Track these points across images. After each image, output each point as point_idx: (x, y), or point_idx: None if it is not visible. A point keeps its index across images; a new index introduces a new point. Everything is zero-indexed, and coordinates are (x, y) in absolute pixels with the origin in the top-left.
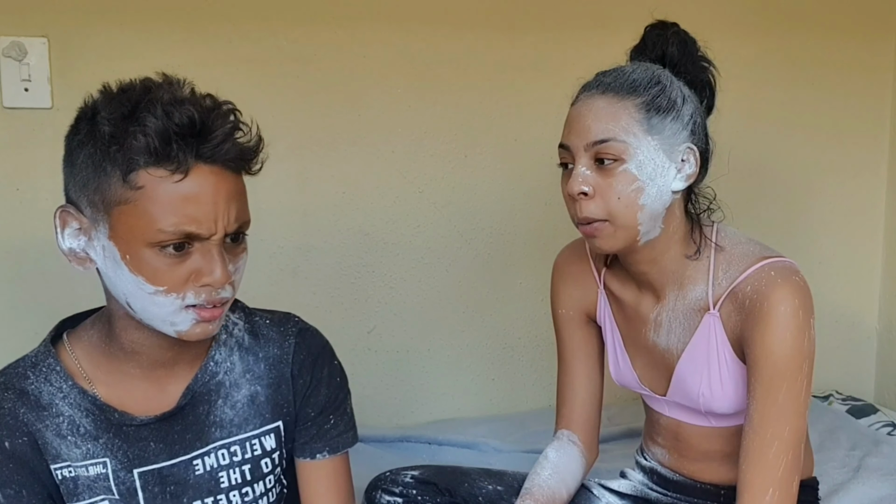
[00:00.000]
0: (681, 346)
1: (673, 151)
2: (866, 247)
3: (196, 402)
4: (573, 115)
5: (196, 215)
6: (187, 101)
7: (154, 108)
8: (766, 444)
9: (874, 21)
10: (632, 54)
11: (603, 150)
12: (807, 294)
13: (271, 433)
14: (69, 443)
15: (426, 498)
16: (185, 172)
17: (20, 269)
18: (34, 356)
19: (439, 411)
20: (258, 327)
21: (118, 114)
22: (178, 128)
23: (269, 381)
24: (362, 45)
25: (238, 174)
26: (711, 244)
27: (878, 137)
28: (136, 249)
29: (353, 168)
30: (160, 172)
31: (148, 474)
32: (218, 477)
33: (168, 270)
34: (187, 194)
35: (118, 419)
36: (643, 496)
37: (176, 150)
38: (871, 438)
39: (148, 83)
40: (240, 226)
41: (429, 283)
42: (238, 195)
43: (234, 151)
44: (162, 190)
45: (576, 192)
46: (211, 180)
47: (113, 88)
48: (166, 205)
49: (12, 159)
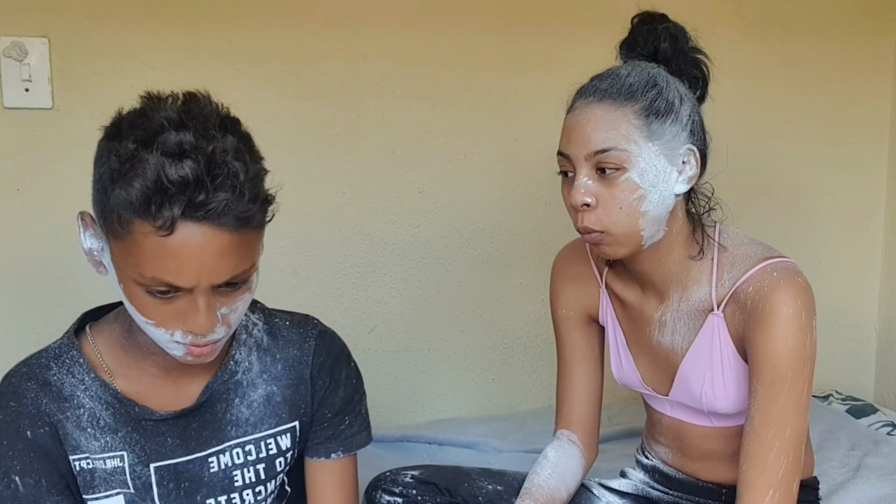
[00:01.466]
0: (685, 346)
1: (674, 155)
2: (866, 247)
3: (214, 401)
4: (571, 123)
5: (178, 271)
6: (190, 153)
7: (154, 156)
8: (767, 445)
9: (874, 21)
10: (622, 51)
11: (604, 160)
12: (809, 295)
13: (287, 433)
14: (88, 435)
15: (426, 498)
16: (170, 230)
17: (20, 269)
18: (57, 347)
19: (439, 411)
20: (277, 328)
21: (126, 149)
22: (173, 186)
23: (288, 381)
24: (362, 45)
25: (234, 231)
26: (714, 244)
27: (879, 138)
28: (127, 282)
29: (353, 168)
30: (145, 227)
31: (164, 469)
32: (232, 475)
33: (155, 308)
34: (171, 250)
35: (137, 413)
36: (644, 495)
37: (164, 210)
38: (870, 438)
39: (169, 116)
40: (231, 277)
41: (429, 283)
42: (232, 251)
43: (232, 217)
44: (147, 241)
45: (579, 204)
46: (198, 239)
47: (147, 99)
48: (149, 255)
49: (13, 159)
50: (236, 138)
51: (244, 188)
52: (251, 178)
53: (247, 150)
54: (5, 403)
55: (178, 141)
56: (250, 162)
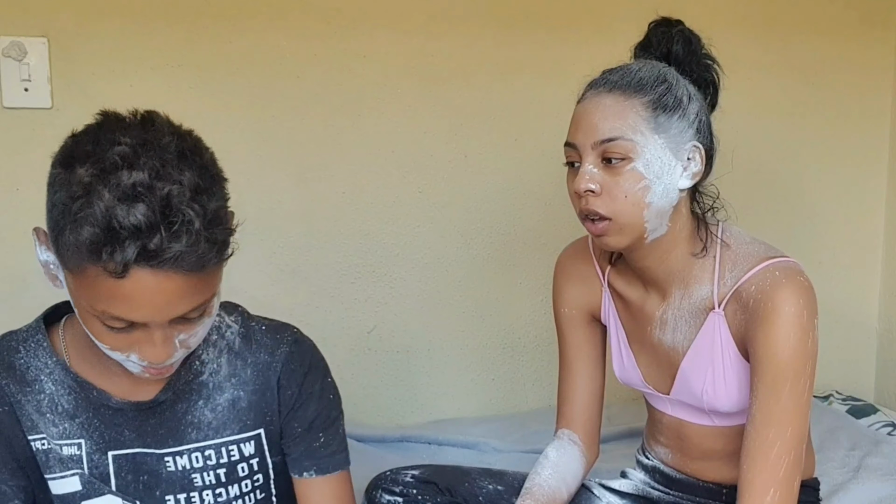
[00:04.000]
0: (686, 344)
1: (679, 150)
2: (866, 247)
3: (175, 399)
4: (580, 113)
5: (131, 310)
6: (144, 196)
7: (107, 196)
8: (769, 444)
9: (874, 21)
10: (636, 51)
11: (610, 149)
12: (811, 295)
13: (251, 440)
14: (47, 420)
15: (426, 497)
16: (122, 275)
17: (20, 270)
18: (25, 331)
19: (439, 411)
20: (252, 332)
21: (78, 184)
22: (123, 230)
23: (255, 387)
24: (362, 45)
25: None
26: (717, 241)
27: (879, 137)
28: (82, 311)
29: (353, 168)
30: (96, 270)
31: (122, 459)
32: (191, 477)
33: (109, 336)
34: (124, 292)
35: (96, 398)
36: (645, 495)
37: (113, 256)
38: (871, 438)
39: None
40: (191, 311)
41: (429, 283)
42: (189, 290)
43: (185, 263)
44: (99, 281)
45: (583, 190)
46: (151, 283)
47: (105, 121)
48: (103, 295)
49: (12, 159)
50: (195, 173)
51: (200, 236)
52: (208, 222)
53: (206, 186)
54: None
55: (131, 183)
56: (209, 201)
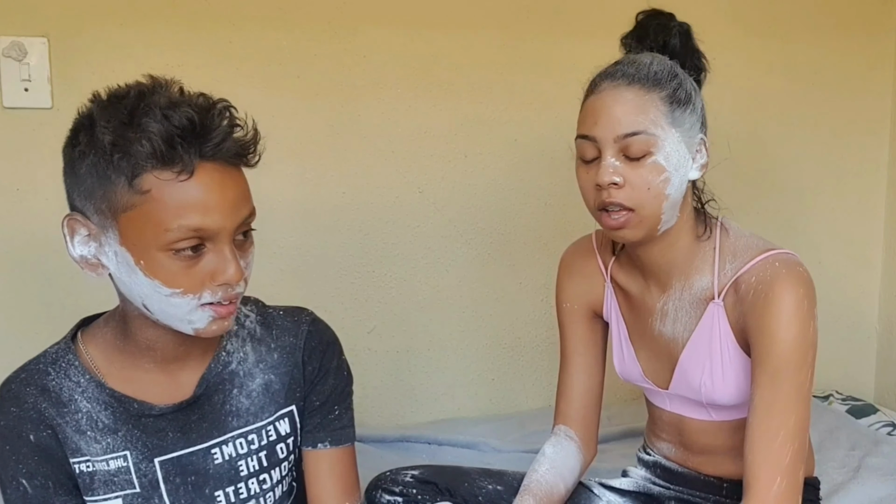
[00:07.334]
0: (685, 336)
1: (691, 143)
2: (866, 246)
3: (211, 392)
4: (598, 105)
5: (205, 212)
6: (183, 103)
7: (153, 112)
8: (772, 434)
9: (874, 21)
10: (630, 41)
11: (634, 143)
12: (810, 284)
13: (285, 417)
14: (88, 438)
15: (426, 497)
16: (190, 173)
17: (20, 270)
18: (55, 352)
19: (439, 411)
20: (271, 318)
21: (116, 121)
22: (179, 130)
23: (285, 369)
24: (362, 44)
25: (238, 168)
26: (717, 226)
27: (879, 137)
28: (150, 254)
29: (353, 168)
30: (166, 175)
31: (168, 463)
32: (237, 466)
33: (183, 273)
34: (194, 193)
35: (137, 409)
36: (645, 491)
37: (180, 152)
38: (871, 438)
39: (141, 88)
40: (247, 216)
41: (429, 283)
42: (241, 187)
43: (234, 147)
44: (168, 192)
45: (607, 183)
46: (216, 177)
47: (104, 96)
48: (174, 206)
49: (12, 159)
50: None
51: (237, 122)
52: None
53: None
54: (6, 409)
55: (167, 97)
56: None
